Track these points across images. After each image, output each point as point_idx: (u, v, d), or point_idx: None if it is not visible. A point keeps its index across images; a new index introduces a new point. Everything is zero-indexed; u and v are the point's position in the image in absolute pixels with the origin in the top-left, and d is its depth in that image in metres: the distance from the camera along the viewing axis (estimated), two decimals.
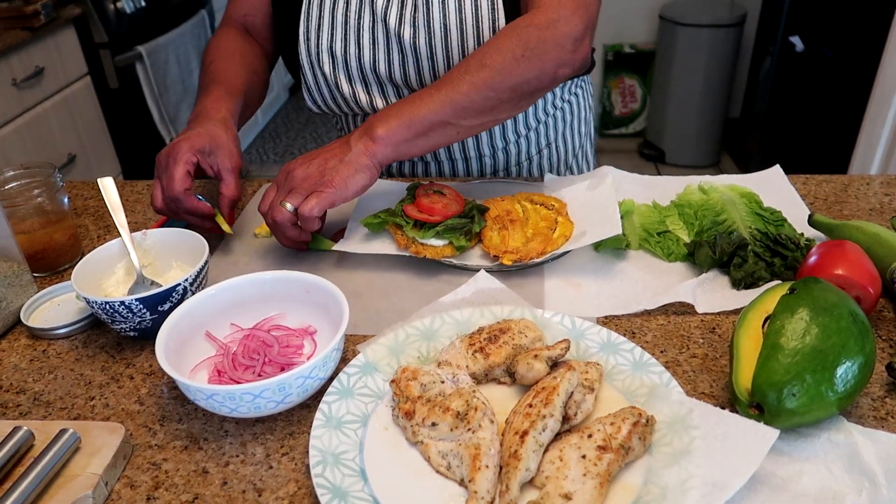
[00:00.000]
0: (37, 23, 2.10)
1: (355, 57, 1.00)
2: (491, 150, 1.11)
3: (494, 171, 1.13)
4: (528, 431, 0.56)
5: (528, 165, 1.15)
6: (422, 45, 0.97)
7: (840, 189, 1.01)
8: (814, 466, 0.56)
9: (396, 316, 0.77)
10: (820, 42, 2.50)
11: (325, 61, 1.01)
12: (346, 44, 1.00)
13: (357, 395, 0.64)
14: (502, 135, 1.09)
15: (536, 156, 1.15)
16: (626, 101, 3.69)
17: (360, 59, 1.00)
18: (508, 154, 1.12)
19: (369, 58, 1.00)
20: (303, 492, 0.57)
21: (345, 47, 1.00)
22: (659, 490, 0.53)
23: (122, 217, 0.82)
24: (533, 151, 1.14)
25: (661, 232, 0.88)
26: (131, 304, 0.69)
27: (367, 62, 1.00)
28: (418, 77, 1.00)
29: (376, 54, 0.99)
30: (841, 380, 0.56)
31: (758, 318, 0.64)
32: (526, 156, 1.14)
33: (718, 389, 0.66)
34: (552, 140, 1.15)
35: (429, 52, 0.97)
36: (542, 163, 1.16)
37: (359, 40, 0.99)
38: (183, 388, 0.61)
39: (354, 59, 1.00)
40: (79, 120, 2.35)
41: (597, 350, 0.68)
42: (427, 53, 0.97)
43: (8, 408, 0.68)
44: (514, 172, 1.14)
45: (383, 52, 0.99)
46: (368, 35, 0.99)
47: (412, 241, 0.84)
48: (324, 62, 1.01)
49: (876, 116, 2.15)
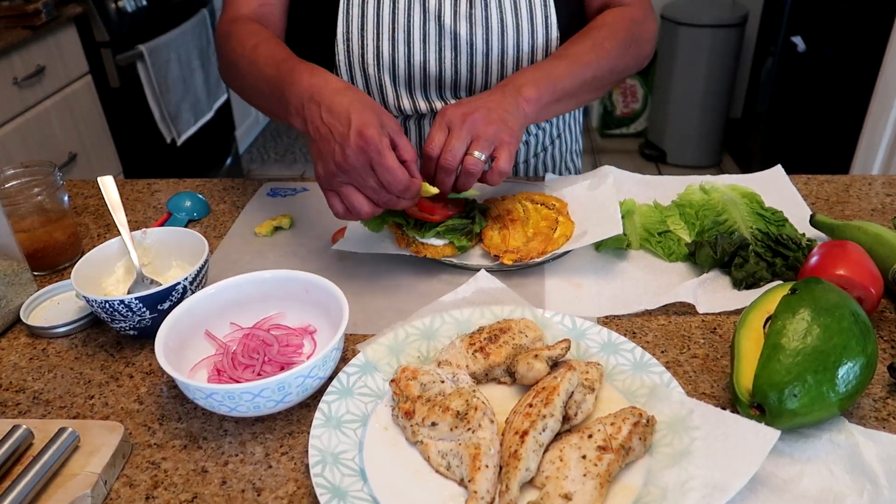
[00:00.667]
0: (38, 21, 2.10)
1: (404, 57, 0.97)
2: None
3: None
4: (529, 431, 0.55)
5: (535, 162, 1.16)
6: (478, 42, 0.96)
7: (842, 189, 1.00)
8: (815, 467, 0.56)
9: (396, 315, 0.77)
10: (821, 42, 2.50)
11: (369, 63, 0.98)
12: (394, 44, 0.97)
13: (357, 395, 0.64)
14: None
15: (542, 153, 1.15)
16: (627, 102, 3.69)
17: (409, 59, 0.97)
18: (518, 152, 1.12)
19: (420, 57, 0.97)
20: (302, 491, 0.57)
21: (393, 47, 0.97)
22: (659, 491, 0.53)
23: (121, 216, 0.82)
24: (539, 149, 1.14)
25: (662, 232, 0.88)
26: (131, 303, 0.69)
27: (417, 62, 0.97)
28: (469, 76, 0.99)
29: (427, 53, 0.97)
30: (842, 380, 0.56)
31: (759, 319, 0.64)
32: (533, 153, 1.14)
33: (719, 390, 0.65)
34: (555, 137, 1.16)
35: (485, 49, 0.97)
36: (546, 160, 1.17)
37: (409, 39, 0.96)
38: (182, 387, 0.61)
39: (403, 60, 0.97)
40: (80, 119, 2.35)
41: (597, 350, 0.67)
42: (483, 50, 0.97)
43: (7, 406, 0.67)
44: (521, 171, 1.14)
45: (434, 51, 0.97)
46: (420, 33, 0.96)
47: (412, 240, 0.84)
48: (368, 64, 0.98)
49: (878, 117, 2.15)
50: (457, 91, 1.01)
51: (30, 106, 2.13)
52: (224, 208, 1.03)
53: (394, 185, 0.71)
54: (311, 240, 0.93)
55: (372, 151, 0.69)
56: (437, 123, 0.78)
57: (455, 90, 1.01)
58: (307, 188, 1.06)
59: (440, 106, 1.02)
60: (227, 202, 1.04)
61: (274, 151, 3.80)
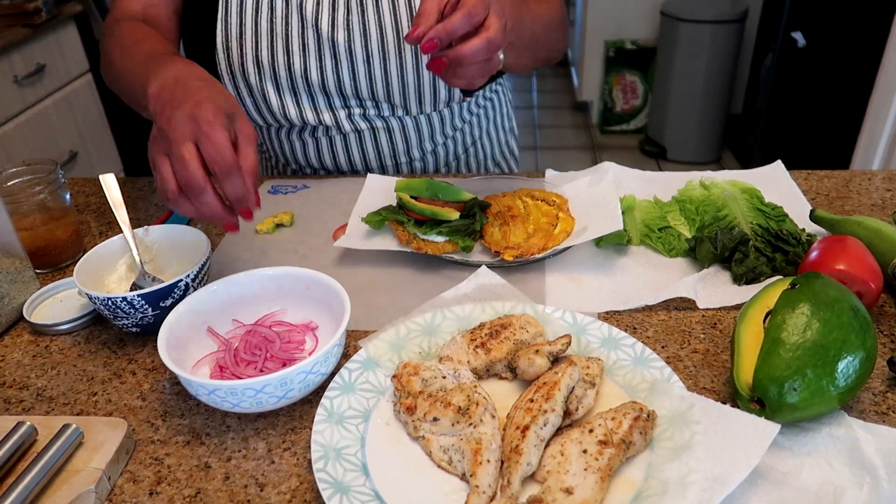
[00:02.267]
0: (38, 20, 2.10)
1: (285, 66, 0.95)
2: (420, 153, 1.10)
3: (424, 173, 1.13)
4: (530, 426, 0.56)
5: (456, 165, 1.16)
6: (357, 50, 0.94)
7: (842, 184, 1.00)
8: (815, 461, 0.56)
9: (398, 311, 0.77)
10: (822, 38, 2.50)
11: (250, 72, 0.96)
12: (273, 52, 0.95)
13: (358, 391, 0.64)
14: (431, 137, 1.09)
15: (463, 154, 1.15)
16: (627, 98, 3.69)
17: (289, 67, 0.95)
18: (437, 156, 1.12)
19: (300, 65, 0.95)
20: (304, 486, 0.57)
21: (272, 56, 0.95)
22: (660, 484, 0.53)
23: (123, 213, 0.82)
24: (459, 151, 1.14)
25: (662, 227, 0.88)
26: (133, 300, 0.69)
27: (297, 70, 0.96)
28: (353, 83, 0.97)
29: (307, 61, 0.95)
30: (842, 374, 0.56)
31: (759, 314, 0.64)
32: (454, 156, 1.14)
33: (719, 384, 0.66)
34: (477, 138, 1.16)
35: (365, 56, 0.95)
36: (469, 161, 1.17)
37: (287, 47, 0.94)
38: (185, 383, 0.61)
39: (284, 68, 0.96)
40: (80, 117, 2.35)
41: (598, 345, 0.68)
42: (363, 57, 0.95)
43: (11, 403, 0.68)
44: (443, 171, 1.14)
45: (315, 59, 0.95)
46: (298, 41, 0.94)
47: (413, 237, 0.84)
48: (249, 73, 0.96)
49: (878, 112, 2.14)
50: (345, 99, 1.00)
51: (30, 104, 2.13)
52: None
53: (217, 161, 0.62)
54: (313, 237, 0.93)
55: (202, 121, 0.62)
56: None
57: (343, 98, 1.00)
58: (308, 185, 1.06)
59: (328, 117, 1.01)
60: None
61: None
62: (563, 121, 4.08)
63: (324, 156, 1.08)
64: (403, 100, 1.01)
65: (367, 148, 1.07)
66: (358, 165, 1.09)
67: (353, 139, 1.06)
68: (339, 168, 1.10)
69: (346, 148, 1.06)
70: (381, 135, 1.05)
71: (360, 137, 1.05)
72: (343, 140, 1.06)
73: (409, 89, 0.99)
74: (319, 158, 1.08)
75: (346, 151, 1.06)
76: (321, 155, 1.07)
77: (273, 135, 1.09)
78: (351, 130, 1.04)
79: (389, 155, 1.09)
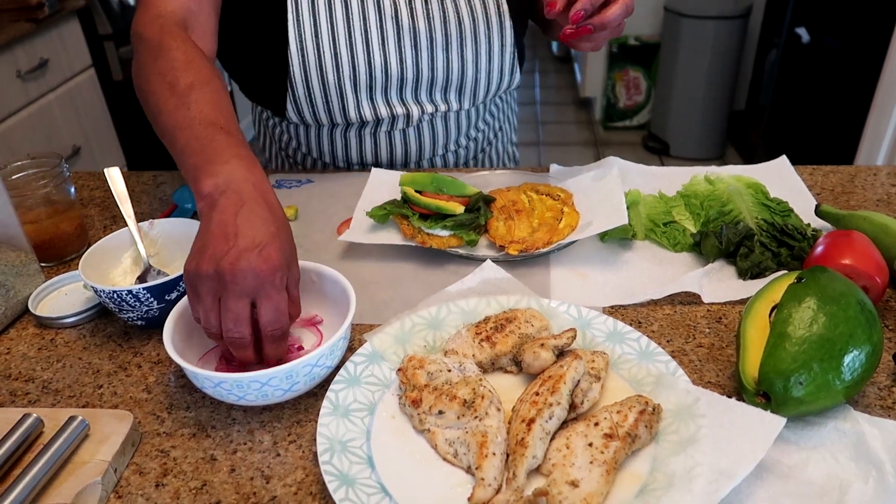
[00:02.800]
0: (41, 15, 2.10)
1: (364, 60, 0.95)
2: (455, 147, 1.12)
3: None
4: (535, 419, 0.56)
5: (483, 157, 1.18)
6: (438, 36, 0.96)
7: (847, 180, 1.00)
8: (820, 455, 0.56)
9: (403, 305, 0.77)
10: (826, 33, 2.49)
11: (328, 70, 0.95)
12: (352, 48, 0.94)
13: (364, 384, 0.64)
14: (466, 133, 1.11)
15: (488, 147, 1.17)
16: (630, 94, 3.68)
17: (369, 61, 0.96)
18: (468, 150, 1.14)
19: (380, 59, 0.96)
20: (310, 479, 0.58)
21: (351, 51, 0.95)
22: (665, 478, 0.53)
23: (128, 207, 0.82)
24: (485, 144, 1.16)
25: (667, 222, 0.88)
26: (138, 293, 0.69)
27: (377, 64, 0.96)
28: (431, 73, 0.99)
29: (387, 54, 0.96)
30: (848, 368, 0.56)
31: (765, 308, 0.64)
32: (481, 147, 1.16)
33: (725, 378, 0.66)
34: (497, 131, 1.18)
35: (444, 43, 0.96)
36: (492, 154, 1.19)
37: (367, 41, 0.95)
38: (191, 376, 0.61)
39: (364, 63, 0.96)
40: (83, 112, 2.35)
41: (603, 339, 0.68)
42: (443, 44, 0.96)
43: (17, 396, 0.68)
44: (470, 166, 1.15)
45: (395, 51, 0.96)
46: (377, 34, 0.95)
47: (418, 231, 0.84)
48: (326, 71, 0.95)
49: (882, 108, 2.14)
50: (417, 91, 1.01)
51: (33, 99, 2.13)
52: None
53: (271, 327, 0.61)
54: (317, 231, 0.93)
55: (266, 283, 0.59)
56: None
57: (416, 90, 1.01)
58: (312, 180, 1.06)
59: (400, 111, 1.02)
60: None
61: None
62: (565, 117, 4.07)
63: (366, 153, 1.08)
64: (472, 88, 1.02)
65: (410, 146, 1.08)
66: (398, 160, 1.10)
67: (398, 136, 1.06)
68: (380, 164, 1.11)
69: (390, 144, 1.07)
70: (425, 129, 1.07)
71: (404, 135, 1.06)
72: (388, 137, 1.06)
73: (480, 74, 1.01)
74: (361, 155, 1.09)
75: (390, 148, 1.07)
76: (363, 152, 1.08)
77: (325, 134, 1.08)
78: (404, 127, 1.05)
79: (430, 149, 1.10)
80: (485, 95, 1.05)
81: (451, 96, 1.03)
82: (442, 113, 1.05)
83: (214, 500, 0.56)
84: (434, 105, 1.03)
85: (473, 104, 1.06)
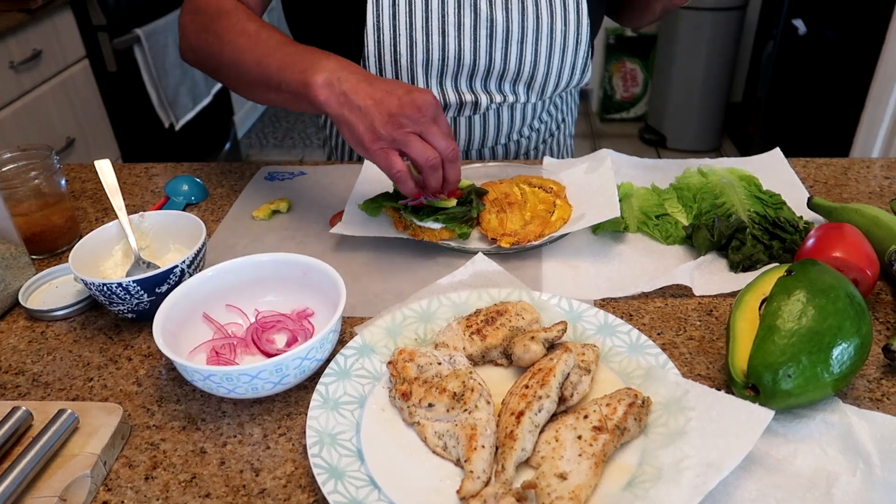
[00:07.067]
0: (34, 5, 2.08)
1: (439, 46, 0.96)
2: (511, 138, 1.12)
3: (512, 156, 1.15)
4: (525, 412, 0.56)
5: (544, 149, 1.18)
6: (515, 28, 0.96)
7: (840, 172, 1.00)
8: (808, 447, 0.56)
9: (394, 298, 0.77)
10: (823, 25, 2.48)
11: (402, 53, 0.96)
12: (428, 33, 0.95)
13: (354, 377, 0.64)
14: (519, 129, 1.11)
15: (550, 139, 1.18)
16: (627, 86, 3.67)
17: (444, 48, 0.96)
18: (520, 145, 1.14)
19: (455, 46, 0.96)
20: (300, 472, 0.58)
21: (427, 36, 0.95)
22: (654, 470, 0.53)
23: (119, 199, 0.82)
24: (547, 135, 1.16)
25: (659, 215, 0.88)
26: (129, 286, 0.69)
27: (451, 51, 0.96)
28: (503, 64, 0.99)
29: (462, 41, 0.96)
30: (837, 361, 0.56)
31: (755, 301, 0.64)
32: (543, 139, 1.16)
33: (715, 371, 0.66)
34: (560, 122, 1.18)
35: (520, 36, 0.96)
36: (553, 145, 1.19)
37: (443, 28, 0.95)
38: (181, 369, 0.61)
39: (438, 49, 0.96)
40: (77, 103, 2.34)
41: (594, 332, 0.68)
42: (519, 37, 0.96)
43: (7, 388, 0.68)
44: (531, 157, 1.15)
45: (470, 39, 0.96)
46: (454, 21, 0.95)
47: (410, 223, 0.84)
48: (401, 54, 0.96)
49: (878, 100, 2.14)
50: (487, 81, 1.01)
51: (27, 90, 2.12)
52: (222, 192, 1.03)
53: (449, 148, 0.73)
54: (309, 223, 0.93)
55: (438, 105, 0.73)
56: None
57: (486, 80, 1.01)
58: (305, 172, 1.06)
59: (469, 98, 1.02)
60: (225, 186, 1.04)
61: (273, 136, 3.79)
62: None
63: None
64: (542, 82, 1.02)
65: (474, 133, 1.08)
66: (461, 146, 1.10)
67: (464, 123, 1.06)
68: None
69: (455, 130, 1.07)
70: (490, 118, 1.07)
71: (469, 122, 1.06)
72: (453, 123, 1.06)
73: (551, 70, 1.01)
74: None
75: (454, 133, 1.07)
76: None
77: None
78: (470, 114, 1.05)
79: (493, 137, 1.10)
80: (553, 91, 1.05)
81: (519, 88, 1.03)
82: (509, 104, 1.05)
83: (204, 492, 0.56)
84: (503, 95, 1.03)
85: (541, 98, 1.06)
